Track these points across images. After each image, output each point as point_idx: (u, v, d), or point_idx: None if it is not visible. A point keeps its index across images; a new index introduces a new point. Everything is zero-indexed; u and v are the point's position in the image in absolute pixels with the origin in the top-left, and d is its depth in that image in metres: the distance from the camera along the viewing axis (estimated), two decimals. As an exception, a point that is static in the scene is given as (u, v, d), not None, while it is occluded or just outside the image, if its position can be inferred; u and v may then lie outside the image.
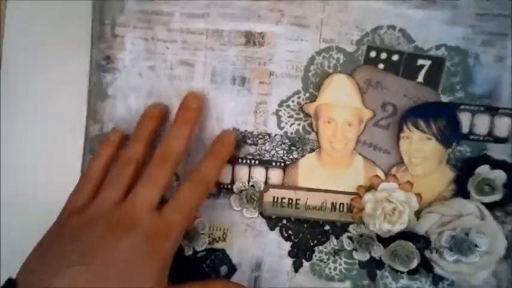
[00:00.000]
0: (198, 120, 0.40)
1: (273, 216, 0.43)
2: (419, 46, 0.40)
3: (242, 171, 0.43)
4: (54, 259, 0.33)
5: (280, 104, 0.42)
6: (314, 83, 0.41)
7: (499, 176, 0.40)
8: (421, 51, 0.40)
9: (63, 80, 0.43)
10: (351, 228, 0.42)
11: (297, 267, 0.43)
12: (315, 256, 0.43)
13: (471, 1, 0.39)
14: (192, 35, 0.41)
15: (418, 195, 0.41)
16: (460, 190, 0.41)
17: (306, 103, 0.41)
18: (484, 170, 0.41)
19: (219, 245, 0.43)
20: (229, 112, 0.42)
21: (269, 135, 0.42)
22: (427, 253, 0.41)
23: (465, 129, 0.41)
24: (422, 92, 0.41)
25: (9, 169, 0.43)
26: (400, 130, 0.41)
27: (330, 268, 0.43)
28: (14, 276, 0.34)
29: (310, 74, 0.41)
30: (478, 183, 0.40)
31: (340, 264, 0.43)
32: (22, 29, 0.43)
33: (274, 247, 0.43)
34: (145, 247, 0.34)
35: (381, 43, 0.40)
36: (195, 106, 0.40)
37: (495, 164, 0.41)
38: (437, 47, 0.40)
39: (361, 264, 0.43)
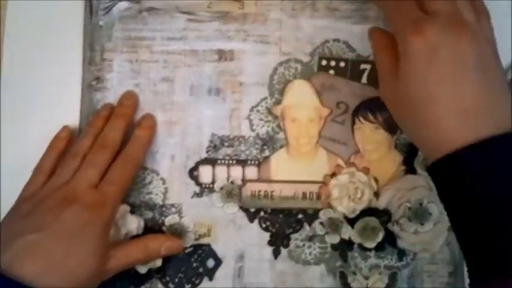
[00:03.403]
0: (133, 113, 0.47)
1: (252, 210, 0.48)
2: (361, 54, 0.49)
3: (221, 171, 0.49)
4: (10, 237, 0.38)
5: (251, 109, 0.49)
6: (278, 89, 0.49)
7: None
8: (362, 58, 0.49)
9: (63, 79, 0.48)
10: (321, 214, 0.48)
11: (276, 254, 0.48)
12: (292, 243, 0.48)
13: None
14: (171, 55, 0.49)
15: (375, 178, 0.48)
16: (409, 169, 0.49)
17: (272, 107, 0.49)
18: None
19: (204, 240, 0.48)
20: (208, 120, 0.49)
21: (243, 137, 0.49)
22: (389, 226, 0.47)
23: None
24: (367, 90, 0.49)
25: (9, 169, 0.46)
26: (353, 123, 0.49)
27: (305, 253, 0.48)
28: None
29: (274, 82, 0.49)
30: (422, 160, 0.48)
31: (314, 249, 0.48)
32: (21, 29, 0.48)
33: (255, 238, 0.48)
34: (86, 215, 0.40)
35: (330, 53, 0.49)
36: (129, 103, 0.47)
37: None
38: (375, 53, 0.49)
39: (333, 247, 0.48)
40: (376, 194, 0.48)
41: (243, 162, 0.48)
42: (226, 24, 0.49)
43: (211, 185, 0.48)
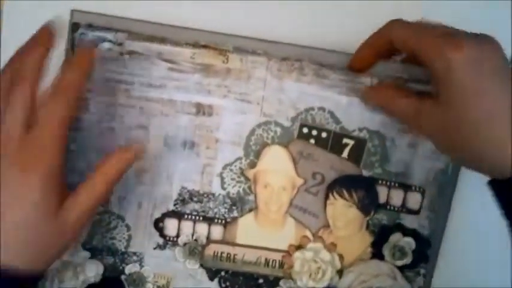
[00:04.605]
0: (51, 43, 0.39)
1: (213, 268, 0.48)
2: (345, 127, 0.47)
3: (187, 226, 0.48)
4: None
5: (224, 167, 0.47)
6: (254, 151, 0.47)
7: (409, 242, 0.46)
8: (346, 131, 0.47)
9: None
10: (281, 282, 0.48)
11: (232, 315, 0.48)
12: (249, 306, 0.48)
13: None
14: (149, 102, 0.47)
15: (341, 256, 0.47)
16: (377, 253, 0.47)
17: (246, 169, 0.47)
18: (396, 237, 0.46)
19: (162, 292, 0.48)
20: (179, 172, 0.47)
21: (213, 194, 0.48)
22: (346, 309, 0.47)
23: (382, 200, 0.47)
24: (346, 165, 0.47)
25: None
26: (327, 197, 0.47)
27: (262, 317, 0.48)
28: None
29: (251, 143, 0.47)
30: (391, 248, 0.46)
31: (270, 315, 0.48)
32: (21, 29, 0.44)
33: (213, 296, 0.48)
34: (17, 173, 0.35)
35: (313, 121, 0.47)
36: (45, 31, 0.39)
37: (406, 232, 0.47)
38: (360, 129, 0.47)
39: (290, 315, 0.48)
40: (340, 272, 0.47)
41: (209, 220, 0.48)
42: (208, 77, 0.46)
43: (175, 239, 0.48)
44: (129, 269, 0.48)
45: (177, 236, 0.48)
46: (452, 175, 0.47)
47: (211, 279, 0.48)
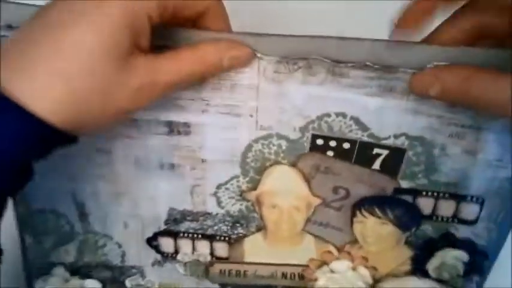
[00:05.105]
0: None
1: (222, 283, 0.41)
2: (376, 134, 0.33)
3: (185, 244, 0.40)
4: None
5: (218, 187, 0.37)
6: (254, 167, 0.36)
7: (461, 255, 0.37)
8: (377, 139, 0.33)
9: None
10: (304, 291, 0.41)
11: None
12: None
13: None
14: (105, 123, 0.34)
15: (373, 268, 0.39)
16: (418, 269, 0.38)
17: (246, 191, 0.36)
18: (444, 252, 0.37)
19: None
20: (163, 193, 0.38)
21: (209, 213, 0.38)
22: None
23: (427, 211, 0.36)
24: (379, 178, 0.35)
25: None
26: (354, 215, 0.37)
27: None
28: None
29: (248, 160, 0.35)
30: (438, 264, 0.37)
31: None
32: None
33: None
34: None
35: (329, 131, 0.33)
36: None
37: (458, 244, 0.37)
38: (396, 136, 0.33)
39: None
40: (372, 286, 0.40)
41: (210, 238, 0.40)
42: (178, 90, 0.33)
43: (174, 255, 0.41)
44: (131, 281, 0.42)
45: (176, 252, 0.40)
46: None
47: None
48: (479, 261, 0.37)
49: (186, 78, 0.29)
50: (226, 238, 0.39)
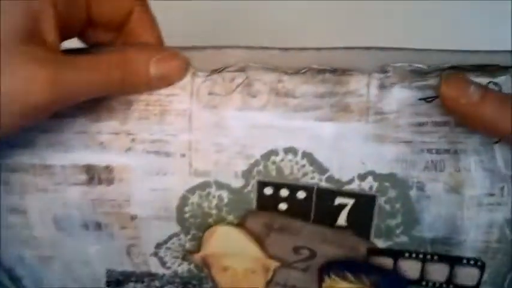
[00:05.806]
0: None
1: None
2: (336, 177, 0.26)
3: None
4: None
5: (158, 247, 0.30)
6: (194, 223, 0.29)
7: None
8: (338, 184, 0.26)
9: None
10: None
11: None
12: None
13: (402, 106, 0.25)
14: (15, 174, 0.29)
15: None
16: None
17: (190, 251, 0.29)
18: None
19: None
20: (96, 254, 0.31)
21: (154, 275, 0.30)
22: None
23: (414, 276, 0.28)
24: (347, 237, 0.27)
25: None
26: (322, 280, 0.28)
27: None
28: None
29: (186, 215, 0.29)
30: None
31: None
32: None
33: None
34: None
35: (279, 175, 0.27)
36: None
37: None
38: (362, 177, 0.26)
39: None
40: None
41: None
42: (97, 121, 0.27)
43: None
44: None
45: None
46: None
47: None
48: None
49: (106, 79, 0.25)
50: (179, 301, 0.31)
